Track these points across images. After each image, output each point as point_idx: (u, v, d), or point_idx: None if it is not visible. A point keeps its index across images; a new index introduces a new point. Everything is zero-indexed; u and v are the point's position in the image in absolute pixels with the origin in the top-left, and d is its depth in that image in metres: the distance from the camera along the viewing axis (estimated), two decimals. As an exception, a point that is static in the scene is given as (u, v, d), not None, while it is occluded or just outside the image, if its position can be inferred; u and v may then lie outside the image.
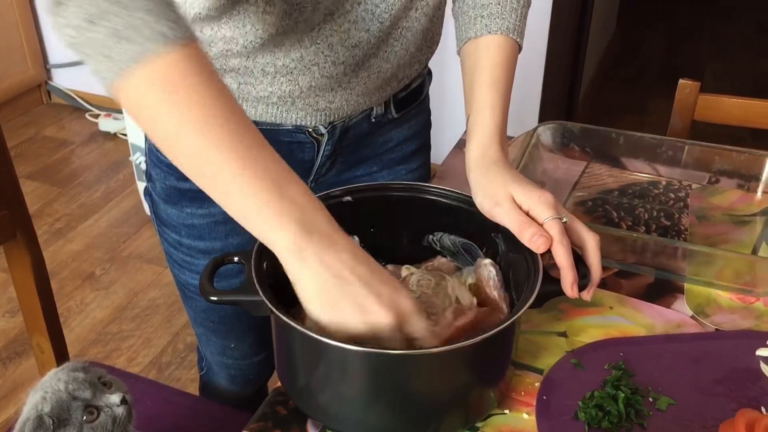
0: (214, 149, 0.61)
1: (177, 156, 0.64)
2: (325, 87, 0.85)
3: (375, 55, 0.86)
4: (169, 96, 0.60)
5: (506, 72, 0.86)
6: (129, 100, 0.62)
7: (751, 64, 3.70)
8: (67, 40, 0.61)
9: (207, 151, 0.61)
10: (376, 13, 0.81)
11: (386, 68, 0.88)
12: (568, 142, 1.17)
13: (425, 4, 0.86)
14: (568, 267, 0.74)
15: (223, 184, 0.63)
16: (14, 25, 2.96)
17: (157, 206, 0.99)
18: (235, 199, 0.63)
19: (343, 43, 0.82)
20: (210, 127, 0.61)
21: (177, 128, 0.61)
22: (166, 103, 0.60)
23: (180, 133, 0.61)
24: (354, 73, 0.86)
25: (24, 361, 1.94)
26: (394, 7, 0.82)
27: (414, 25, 0.87)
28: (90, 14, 0.58)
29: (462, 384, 0.72)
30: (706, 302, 0.92)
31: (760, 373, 0.81)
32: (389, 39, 0.86)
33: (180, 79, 0.60)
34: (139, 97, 0.61)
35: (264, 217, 0.63)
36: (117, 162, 2.83)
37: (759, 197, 1.09)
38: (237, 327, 1.08)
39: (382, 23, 0.83)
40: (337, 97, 0.87)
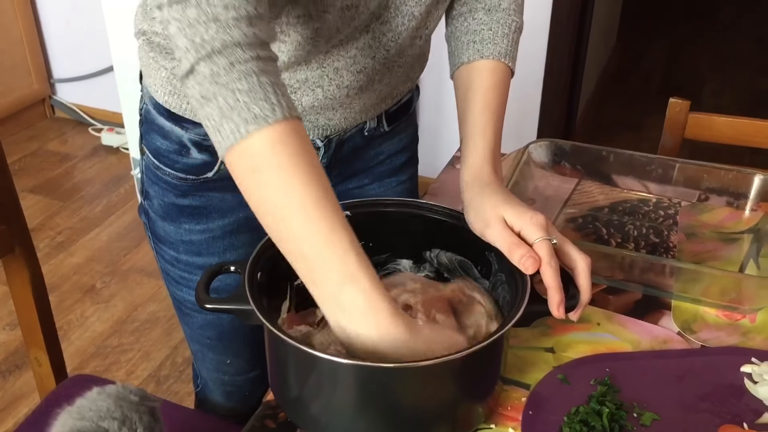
0: (297, 229, 0.67)
1: (264, 225, 0.69)
2: (326, 107, 0.88)
3: (380, 81, 0.89)
4: (255, 174, 0.66)
5: (499, 96, 0.88)
6: (232, 171, 0.68)
7: (750, 80, 3.72)
8: (193, 107, 0.69)
9: (287, 232, 0.67)
10: (382, 42, 0.84)
11: (386, 91, 0.91)
12: (559, 159, 1.18)
13: (427, 32, 0.89)
14: (555, 288, 0.75)
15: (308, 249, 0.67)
16: (19, 40, 3.00)
17: (154, 223, 1.00)
18: (318, 260, 0.67)
19: (348, 68, 0.84)
20: (288, 210, 0.66)
21: (258, 206, 0.68)
22: (253, 181, 0.67)
23: (260, 209, 0.68)
24: (357, 96, 0.88)
25: (23, 374, 1.95)
26: (400, 36, 0.85)
27: (416, 52, 0.90)
28: (203, 93, 0.65)
29: (450, 398, 0.73)
30: (693, 319, 0.93)
31: (744, 389, 0.82)
32: (394, 66, 0.89)
33: (266, 158, 0.65)
34: (235, 171, 0.68)
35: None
36: (119, 176, 2.86)
37: (747, 215, 1.10)
38: (234, 343, 1.09)
39: (387, 51, 0.86)
40: (336, 115, 0.90)
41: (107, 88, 2.99)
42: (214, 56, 0.64)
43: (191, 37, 0.64)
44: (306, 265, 0.68)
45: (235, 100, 0.64)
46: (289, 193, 0.66)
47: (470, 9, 0.92)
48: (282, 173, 0.65)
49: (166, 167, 0.93)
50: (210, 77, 0.64)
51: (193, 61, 0.64)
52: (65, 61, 3.15)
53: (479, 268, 0.86)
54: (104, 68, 2.99)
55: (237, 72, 0.64)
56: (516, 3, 0.92)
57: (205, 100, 0.65)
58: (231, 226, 0.97)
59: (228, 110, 0.64)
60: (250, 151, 0.65)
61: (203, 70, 0.64)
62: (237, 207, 0.96)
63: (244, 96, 0.64)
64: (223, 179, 0.93)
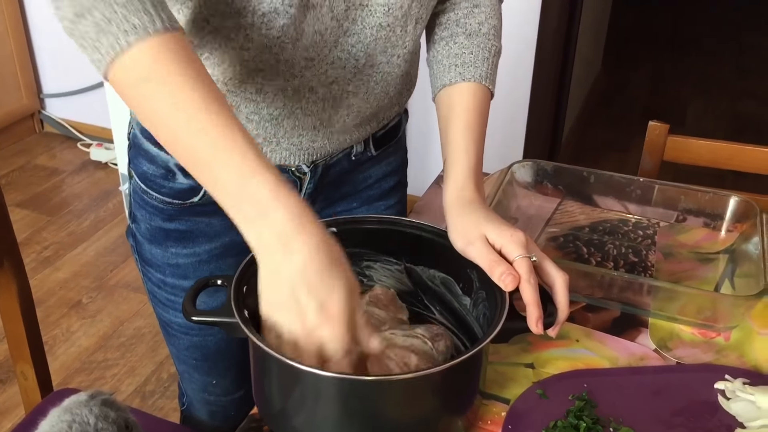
0: (186, 137, 0.66)
1: (159, 138, 0.69)
2: (308, 126, 0.89)
3: (355, 94, 0.90)
4: (143, 84, 0.66)
5: (479, 117, 0.90)
6: (116, 89, 0.67)
7: (732, 106, 3.78)
8: (66, 31, 0.67)
9: (179, 137, 0.66)
10: (352, 53, 0.86)
11: (366, 108, 0.92)
12: (541, 179, 1.21)
13: (406, 51, 0.91)
14: (534, 304, 0.77)
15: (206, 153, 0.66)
16: (9, 55, 3.01)
17: (141, 246, 1.01)
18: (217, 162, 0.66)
19: (322, 83, 0.86)
20: (180, 116, 0.66)
21: (149, 119, 0.67)
22: (139, 93, 0.66)
23: (153, 122, 0.67)
24: (334, 110, 0.89)
25: (8, 388, 1.95)
26: (368, 47, 0.86)
27: (394, 70, 0.91)
28: (77, 9, 0.65)
29: (429, 411, 0.74)
30: (669, 336, 0.95)
31: (717, 405, 0.84)
32: (369, 80, 0.89)
33: (151, 68, 0.65)
34: (119, 86, 0.67)
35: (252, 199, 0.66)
36: (107, 191, 2.86)
37: (723, 236, 1.13)
38: (219, 364, 1.09)
39: (357, 60, 0.87)
40: (319, 136, 0.91)
41: (97, 104, 3.01)
42: None
43: None
44: (207, 171, 0.67)
45: (112, 12, 0.64)
46: (179, 101, 0.65)
47: (451, 34, 0.94)
48: (169, 81, 0.65)
49: (152, 191, 0.94)
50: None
51: None
52: (55, 76, 3.16)
53: (461, 285, 0.88)
54: (94, 84, 3.00)
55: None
56: (495, 28, 0.95)
57: (79, 18, 0.64)
58: (217, 250, 0.98)
59: (105, 24, 0.64)
60: (133, 62, 0.65)
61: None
62: (223, 231, 0.97)
63: (121, 8, 0.64)
64: (209, 204, 0.93)
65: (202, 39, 0.81)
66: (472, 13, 0.94)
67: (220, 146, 0.66)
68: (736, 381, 0.86)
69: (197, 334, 1.04)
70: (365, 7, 0.83)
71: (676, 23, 4.95)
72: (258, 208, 0.66)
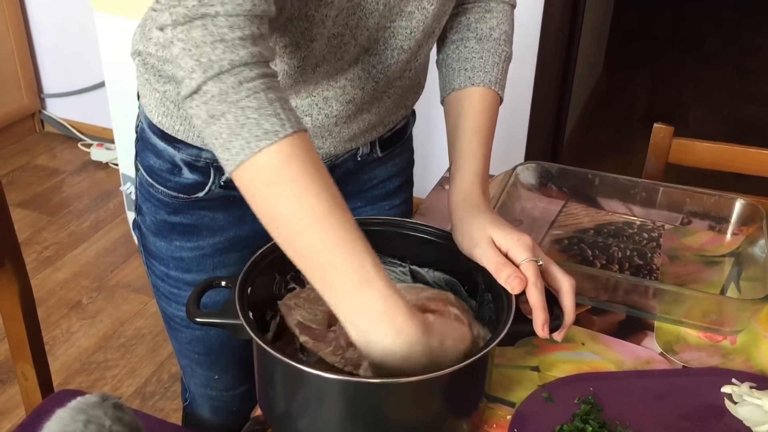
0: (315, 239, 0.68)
1: (277, 239, 0.70)
2: (315, 135, 0.89)
3: (368, 110, 0.91)
4: (268, 188, 0.68)
5: (488, 121, 0.90)
6: (242, 188, 0.69)
7: (733, 108, 3.78)
8: (198, 127, 0.69)
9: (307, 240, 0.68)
10: (372, 74, 0.86)
11: (376, 120, 0.93)
12: (546, 181, 1.21)
13: (418, 64, 0.91)
14: (540, 308, 0.77)
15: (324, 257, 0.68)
16: (10, 55, 3.00)
17: (146, 239, 1.01)
18: (334, 269, 0.68)
19: (337, 98, 0.86)
20: (304, 222, 0.67)
21: (274, 218, 0.69)
22: (266, 195, 0.68)
23: (279, 223, 0.68)
24: (345, 125, 0.90)
25: (9, 388, 1.94)
26: (390, 69, 0.87)
27: (406, 83, 0.92)
28: (212, 111, 0.67)
29: (435, 414, 0.74)
30: (675, 340, 0.95)
31: (724, 409, 0.84)
32: (383, 97, 0.91)
33: (278, 173, 0.67)
34: (245, 185, 0.69)
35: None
36: (107, 191, 2.86)
37: (729, 239, 1.12)
38: (221, 359, 1.10)
39: (377, 83, 0.88)
40: (326, 144, 0.91)
41: (97, 104, 3.00)
42: (222, 76, 0.65)
43: (197, 57, 0.65)
44: (322, 273, 0.69)
45: (245, 117, 0.65)
46: (304, 205, 0.67)
47: (462, 38, 0.94)
48: (296, 185, 0.67)
49: (158, 185, 0.95)
50: (218, 96, 0.66)
51: (200, 81, 0.66)
52: (56, 76, 3.15)
53: (466, 287, 0.88)
54: (95, 84, 3.00)
55: (245, 90, 0.66)
56: (506, 34, 0.95)
57: (213, 119, 0.66)
58: (222, 244, 0.98)
59: (237, 127, 0.66)
60: (261, 165, 0.66)
61: (211, 90, 0.66)
62: (228, 226, 0.97)
63: (254, 113, 0.66)
64: (214, 199, 0.94)
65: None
66: (484, 18, 0.94)
67: (338, 251, 0.68)
68: (743, 385, 0.86)
69: (199, 328, 1.04)
70: (388, 29, 0.83)
71: (677, 24, 4.94)
72: (368, 319, 0.69)
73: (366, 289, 0.68)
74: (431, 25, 0.87)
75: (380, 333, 0.68)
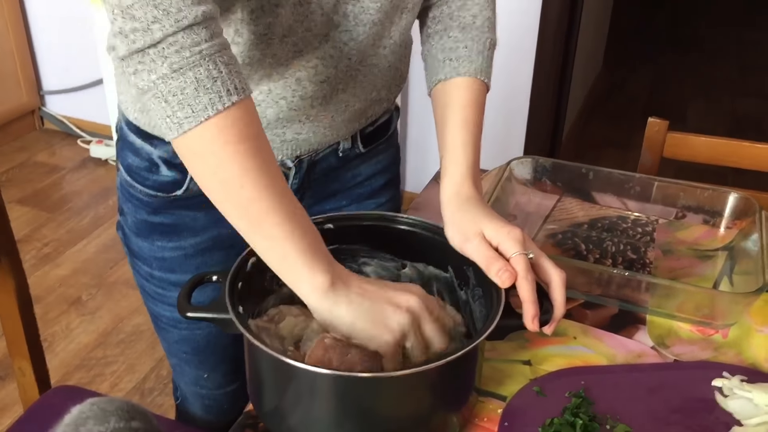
0: (269, 199, 0.69)
1: (231, 202, 0.70)
2: (292, 119, 0.88)
3: (344, 90, 0.89)
4: (234, 145, 0.67)
5: (476, 112, 0.90)
6: (197, 147, 0.68)
7: (733, 104, 3.78)
8: (145, 85, 0.66)
9: (262, 199, 0.69)
10: (344, 51, 0.85)
11: (353, 102, 0.91)
12: (540, 176, 1.21)
13: (392, 42, 0.90)
14: (530, 301, 0.77)
15: (270, 230, 0.70)
16: (9, 52, 3.01)
17: (129, 240, 1.01)
18: (279, 244, 0.71)
19: (311, 78, 0.85)
20: (266, 178, 0.69)
21: (238, 176, 0.68)
22: (231, 152, 0.67)
23: (240, 181, 0.68)
24: (322, 107, 0.89)
25: (7, 385, 1.95)
26: (361, 44, 0.86)
27: (381, 62, 0.90)
28: (175, 64, 0.65)
29: (424, 408, 0.74)
30: (667, 333, 0.95)
31: (714, 403, 0.84)
32: (357, 75, 0.89)
33: (245, 129, 0.68)
34: (207, 145, 0.68)
35: (303, 261, 0.71)
36: (107, 188, 2.86)
37: (722, 232, 1.12)
38: (210, 358, 1.09)
39: (350, 59, 0.86)
40: (304, 129, 0.90)
41: (97, 101, 3.01)
42: (195, 27, 0.65)
43: (166, 7, 0.64)
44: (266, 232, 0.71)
45: (218, 71, 0.65)
46: (266, 160, 0.69)
47: (445, 27, 0.93)
48: (260, 140, 0.70)
49: (137, 184, 0.94)
50: (190, 47, 0.65)
51: (169, 31, 0.64)
52: (55, 73, 3.16)
53: (458, 281, 0.88)
54: (94, 81, 3.00)
55: (217, 44, 0.66)
56: (489, 20, 0.94)
57: (176, 73, 0.65)
58: (203, 244, 0.98)
59: (209, 81, 0.65)
60: (232, 122, 0.67)
61: (181, 41, 0.64)
62: (209, 226, 0.96)
63: (225, 67, 0.66)
64: (194, 197, 0.93)
65: None
66: (466, 5, 0.93)
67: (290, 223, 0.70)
68: (734, 378, 0.86)
69: (186, 328, 1.04)
70: (357, 3, 0.82)
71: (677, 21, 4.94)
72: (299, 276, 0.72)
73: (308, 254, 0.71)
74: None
75: (306, 287, 0.71)
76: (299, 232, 0.71)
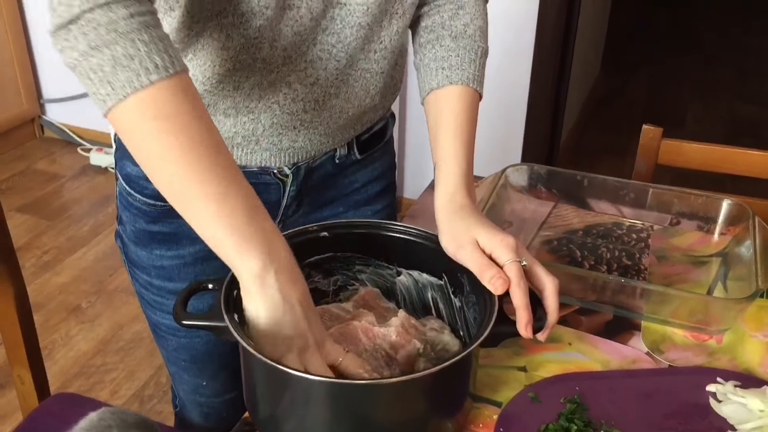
0: (194, 176, 0.68)
1: (158, 179, 0.70)
2: (287, 125, 0.89)
3: (336, 95, 0.90)
4: (155, 122, 0.67)
5: (468, 120, 0.91)
6: (122, 123, 0.68)
7: (731, 108, 3.79)
8: (70, 62, 0.67)
9: (186, 177, 0.68)
10: (332, 53, 0.86)
11: (347, 108, 0.92)
12: (535, 183, 1.21)
13: (383, 47, 0.90)
14: (523, 308, 0.77)
15: (198, 209, 0.69)
16: (9, 60, 3.02)
17: (127, 248, 1.02)
18: (207, 223, 0.69)
19: (301, 81, 0.86)
20: (191, 155, 0.67)
21: (161, 153, 0.67)
22: (152, 128, 0.67)
23: (164, 157, 0.68)
24: (315, 112, 0.89)
25: (6, 393, 1.95)
26: (349, 47, 0.86)
27: (373, 66, 0.91)
28: (93, 41, 0.65)
29: (419, 414, 0.75)
30: (661, 339, 0.95)
31: (708, 408, 0.84)
32: (349, 79, 0.90)
33: (167, 107, 0.67)
34: (130, 122, 0.68)
35: (233, 241, 0.69)
36: (106, 196, 2.87)
37: (716, 239, 1.13)
38: (209, 366, 1.10)
39: (338, 62, 0.87)
40: (300, 137, 0.91)
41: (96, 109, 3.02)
42: (112, 5, 0.65)
43: None
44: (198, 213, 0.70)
45: (135, 49, 0.65)
46: (192, 138, 0.67)
47: (437, 36, 0.94)
48: (184, 118, 0.67)
49: (136, 193, 0.95)
50: (107, 25, 0.65)
51: (85, 7, 0.64)
52: (55, 82, 3.17)
53: (452, 289, 0.89)
54: (94, 89, 3.01)
55: (137, 22, 0.66)
56: (481, 29, 0.95)
57: (95, 50, 0.65)
58: (202, 252, 0.98)
59: (126, 59, 0.65)
60: (150, 99, 0.66)
61: (98, 18, 0.65)
62: None
63: (144, 46, 0.65)
64: None
65: (186, 43, 0.81)
66: (457, 15, 0.94)
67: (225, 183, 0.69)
68: (728, 384, 0.86)
69: (185, 336, 1.05)
70: (344, 6, 0.83)
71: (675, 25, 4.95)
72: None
73: (251, 224, 0.69)
74: (387, 0, 0.86)
75: (239, 270, 0.70)
76: (227, 210, 0.68)
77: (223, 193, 0.68)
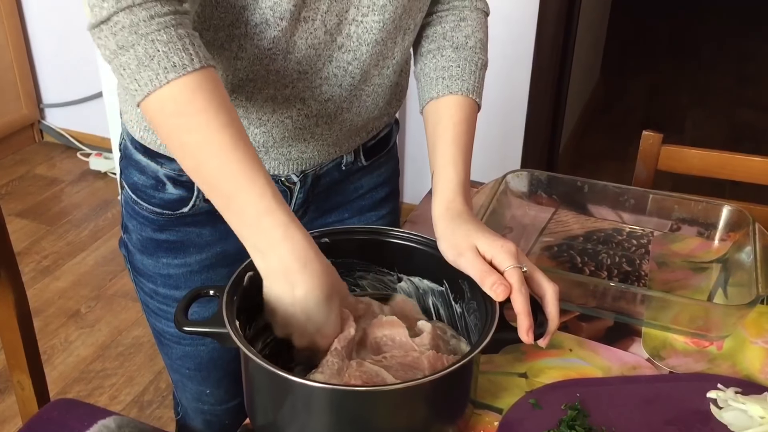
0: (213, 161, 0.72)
1: (184, 165, 0.75)
2: (297, 137, 0.90)
3: (348, 109, 0.91)
4: (175, 119, 0.71)
5: (467, 129, 0.91)
6: (149, 118, 0.73)
7: (730, 114, 3.79)
8: (106, 58, 0.72)
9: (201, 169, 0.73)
10: (348, 70, 0.87)
11: (357, 121, 0.93)
12: (536, 189, 1.22)
13: (395, 62, 0.92)
14: (524, 314, 0.77)
15: (216, 198, 0.74)
16: (9, 65, 3.02)
17: (132, 257, 1.02)
18: (229, 212, 0.73)
19: (315, 97, 0.87)
20: (209, 147, 0.71)
21: (179, 149, 0.73)
22: (172, 126, 0.72)
23: (182, 152, 0.73)
24: (327, 126, 0.90)
25: (6, 398, 1.95)
26: (364, 64, 0.87)
27: (384, 81, 0.92)
28: (120, 42, 0.70)
29: (420, 421, 0.75)
30: (662, 345, 0.95)
31: (709, 414, 0.84)
32: (362, 95, 0.91)
33: (186, 103, 0.71)
34: (155, 118, 0.73)
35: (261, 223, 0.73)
36: (106, 201, 2.87)
37: (716, 245, 1.13)
38: (212, 374, 1.10)
39: (353, 78, 0.88)
40: (309, 148, 0.92)
41: (96, 114, 3.02)
42: (134, 8, 0.69)
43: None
44: (226, 202, 0.73)
45: (154, 49, 0.69)
46: (209, 136, 0.71)
47: (438, 47, 0.95)
48: (201, 117, 0.71)
49: (143, 202, 0.95)
50: (129, 27, 0.69)
51: (111, 10, 0.69)
52: (55, 87, 3.17)
53: (453, 295, 0.89)
54: (93, 94, 3.01)
55: (156, 24, 0.69)
56: (482, 42, 0.96)
57: (122, 50, 0.70)
58: (208, 260, 0.98)
59: (147, 59, 0.69)
60: (170, 96, 0.70)
61: (122, 21, 0.69)
62: (214, 242, 0.97)
63: (163, 46, 0.69)
64: (200, 214, 0.94)
65: None
66: (459, 26, 0.95)
67: (242, 182, 0.72)
68: (729, 390, 0.86)
69: (190, 344, 1.05)
70: (360, 23, 0.84)
71: (675, 31, 4.96)
72: (269, 242, 0.73)
73: (266, 217, 0.72)
74: (402, 17, 0.87)
75: (278, 255, 0.72)
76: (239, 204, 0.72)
77: (238, 188, 0.72)
